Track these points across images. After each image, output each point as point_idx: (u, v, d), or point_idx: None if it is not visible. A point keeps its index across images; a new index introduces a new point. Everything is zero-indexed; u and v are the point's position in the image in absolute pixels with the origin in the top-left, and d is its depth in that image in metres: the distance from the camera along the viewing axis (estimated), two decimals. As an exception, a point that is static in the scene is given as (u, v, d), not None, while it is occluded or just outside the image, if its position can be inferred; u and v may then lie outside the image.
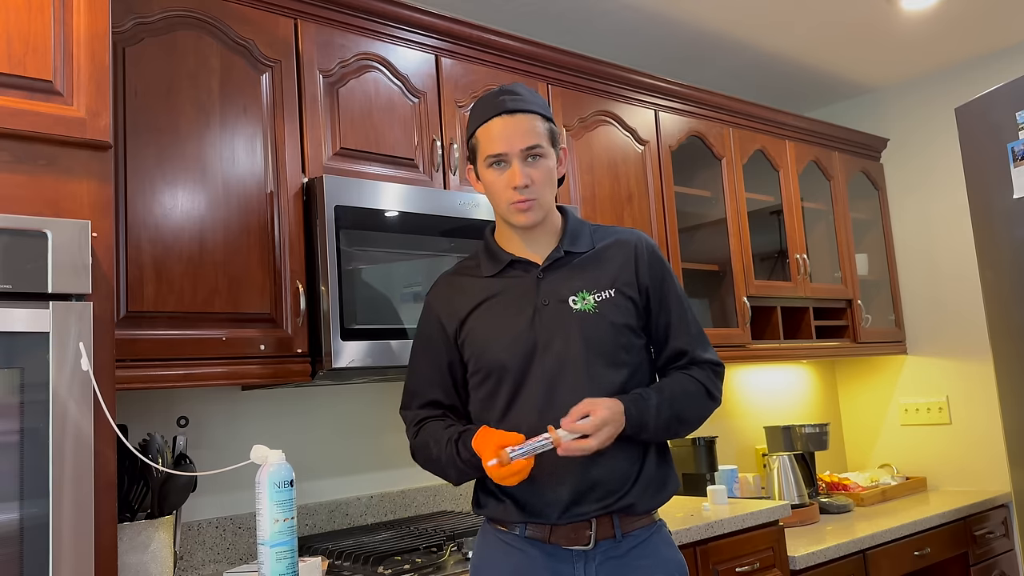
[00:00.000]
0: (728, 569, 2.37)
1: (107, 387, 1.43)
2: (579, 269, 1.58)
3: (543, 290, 1.56)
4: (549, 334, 1.53)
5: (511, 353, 1.53)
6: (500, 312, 1.57)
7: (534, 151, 1.54)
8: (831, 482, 3.42)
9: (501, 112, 1.55)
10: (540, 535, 1.51)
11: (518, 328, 1.54)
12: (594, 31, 3.13)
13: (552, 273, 1.58)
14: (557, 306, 1.54)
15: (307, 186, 2.07)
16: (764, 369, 3.77)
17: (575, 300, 1.55)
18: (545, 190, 1.56)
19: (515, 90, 1.59)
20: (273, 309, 1.98)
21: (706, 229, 3.24)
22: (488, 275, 1.61)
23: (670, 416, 1.53)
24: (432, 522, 2.35)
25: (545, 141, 1.56)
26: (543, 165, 1.55)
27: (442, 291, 1.67)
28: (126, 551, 1.73)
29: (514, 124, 1.54)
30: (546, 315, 1.54)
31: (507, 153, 1.53)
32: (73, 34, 1.47)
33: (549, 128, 1.58)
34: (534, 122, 1.55)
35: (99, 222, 1.46)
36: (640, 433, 1.50)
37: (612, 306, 1.55)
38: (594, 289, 1.55)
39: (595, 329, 1.53)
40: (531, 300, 1.56)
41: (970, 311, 3.64)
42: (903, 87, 3.90)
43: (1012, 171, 2.42)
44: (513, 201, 1.54)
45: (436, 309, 1.65)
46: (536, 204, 1.54)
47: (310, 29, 2.15)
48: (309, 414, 2.41)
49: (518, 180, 1.52)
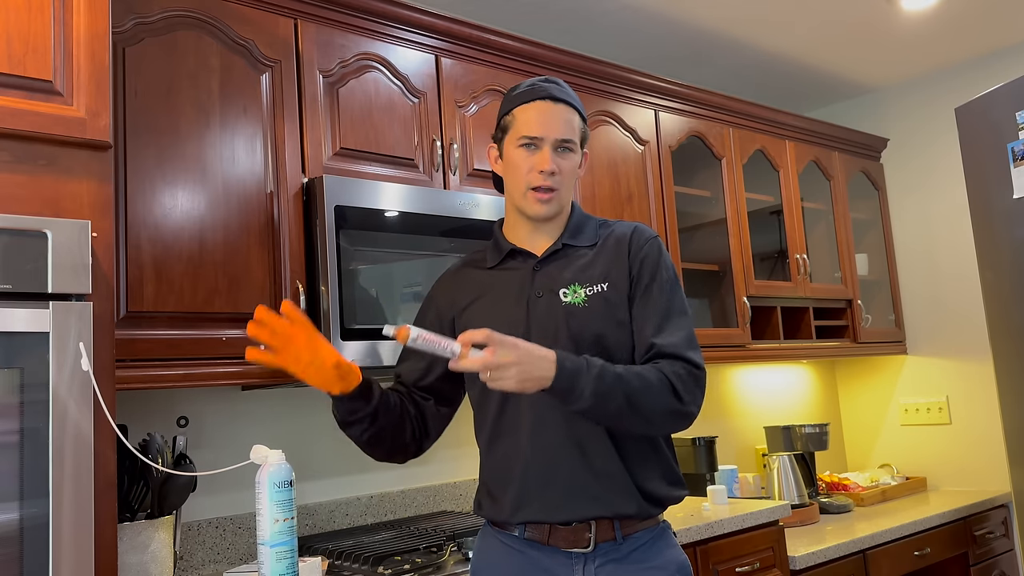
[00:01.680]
0: (728, 569, 2.37)
1: (107, 387, 1.43)
2: (575, 263, 1.57)
3: (537, 282, 1.55)
4: (539, 326, 1.51)
5: None
6: (496, 303, 1.56)
7: (567, 144, 1.55)
8: (831, 482, 3.42)
9: (546, 97, 1.55)
10: (539, 537, 1.50)
11: (511, 319, 1.52)
12: (594, 31, 3.13)
13: (548, 265, 1.57)
14: (549, 298, 1.53)
15: (307, 186, 2.07)
16: (764, 369, 3.77)
17: (565, 293, 1.53)
18: (566, 184, 1.56)
19: (560, 83, 1.60)
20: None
21: (706, 229, 3.24)
22: (490, 266, 1.61)
23: (613, 391, 1.37)
24: (432, 522, 2.35)
25: (578, 138, 1.57)
26: (571, 160, 1.56)
27: (446, 283, 1.67)
28: (126, 551, 1.73)
29: (556, 112, 1.54)
30: (538, 307, 1.53)
31: (543, 138, 1.53)
32: (73, 34, 1.47)
33: (583, 128, 1.59)
34: (573, 116, 1.56)
35: (99, 222, 1.46)
36: (569, 396, 1.36)
37: (602, 300, 1.52)
38: (586, 283, 1.53)
39: (582, 323, 1.50)
40: (525, 291, 1.55)
41: (970, 311, 3.64)
42: (903, 87, 3.90)
43: (1012, 171, 2.42)
44: (534, 185, 1.53)
45: (436, 299, 1.66)
46: (557, 196, 1.54)
47: (310, 29, 2.15)
48: (309, 414, 2.41)
49: (547, 165, 1.52)
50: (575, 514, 1.47)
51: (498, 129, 1.61)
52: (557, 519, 1.48)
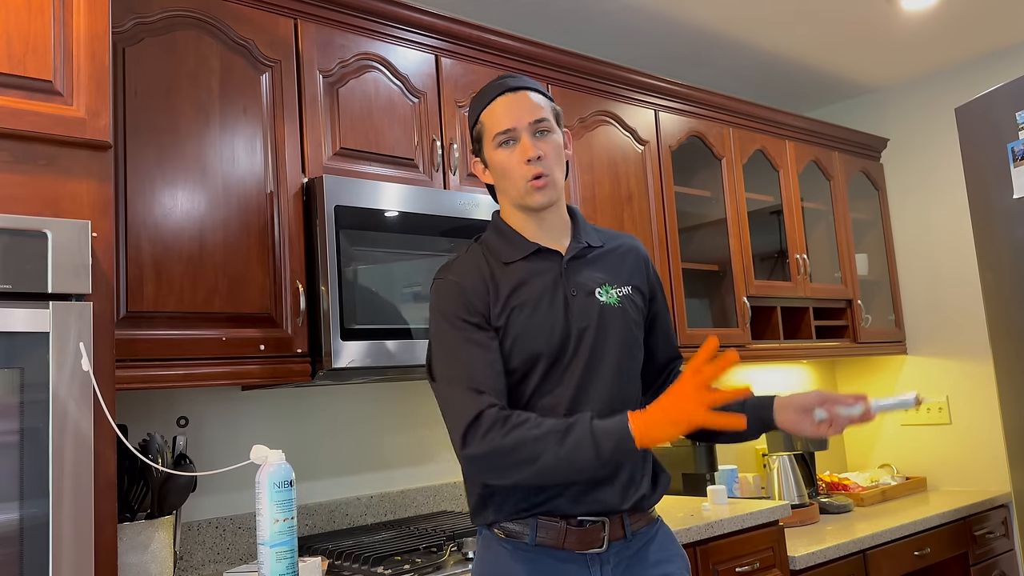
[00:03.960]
0: (728, 569, 2.37)
1: (107, 387, 1.43)
2: (598, 263, 1.58)
3: (571, 280, 1.54)
4: (582, 324, 1.51)
5: (548, 343, 1.48)
6: (534, 300, 1.51)
7: (541, 125, 1.52)
8: (831, 482, 3.42)
9: (504, 91, 1.54)
10: (551, 541, 1.45)
11: (554, 318, 1.50)
12: (594, 31, 3.13)
13: (576, 264, 1.56)
14: (585, 297, 1.53)
15: (307, 186, 2.07)
16: (764, 369, 3.77)
17: (600, 293, 1.54)
18: (556, 167, 1.53)
19: (515, 75, 1.59)
20: (273, 309, 1.98)
21: (706, 229, 3.24)
22: (510, 261, 1.54)
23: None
24: (432, 522, 2.35)
25: (551, 116, 1.55)
26: (552, 140, 1.53)
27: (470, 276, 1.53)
28: (126, 551, 1.73)
29: (518, 100, 1.53)
30: (576, 305, 1.52)
31: (515, 128, 1.51)
32: (73, 34, 1.47)
33: (552, 107, 1.57)
34: (537, 97, 1.54)
35: (99, 222, 1.47)
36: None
37: (630, 302, 1.57)
38: (615, 284, 1.56)
39: (619, 322, 1.53)
40: (560, 290, 1.53)
41: (970, 311, 3.64)
42: (903, 87, 3.90)
43: (1012, 171, 2.42)
44: (529, 177, 1.50)
45: (469, 294, 1.50)
46: (551, 181, 1.52)
47: (310, 29, 2.15)
48: (309, 414, 2.41)
49: (530, 151, 1.50)
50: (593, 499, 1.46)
51: (474, 142, 1.59)
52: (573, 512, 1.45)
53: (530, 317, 1.49)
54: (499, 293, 1.50)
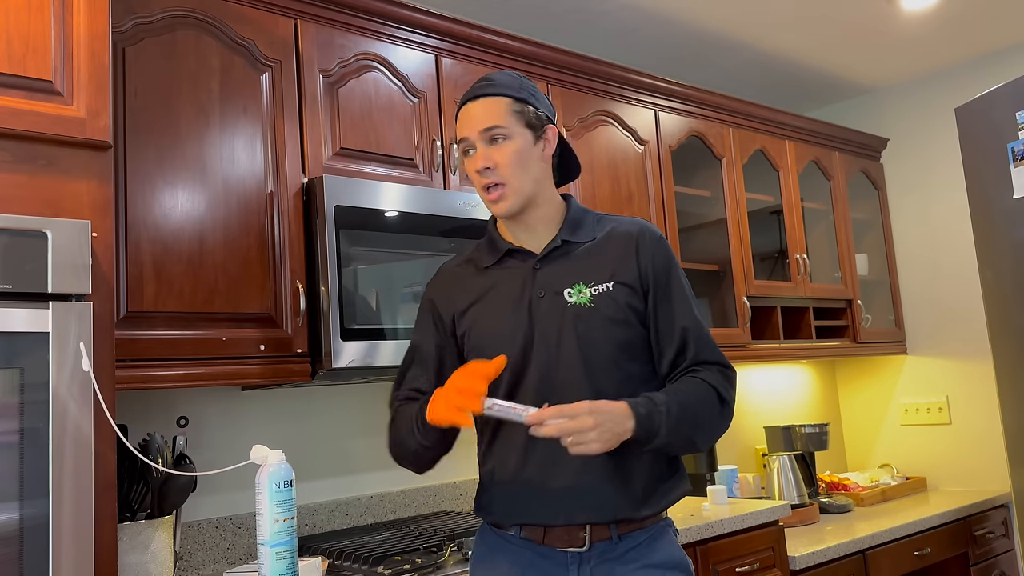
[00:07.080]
0: (728, 569, 2.37)
1: (107, 387, 1.43)
2: (577, 260, 1.52)
3: (539, 281, 1.51)
4: (544, 328, 1.48)
5: (508, 348, 1.47)
6: (497, 305, 1.52)
7: (492, 132, 1.48)
8: (831, 482, 3.42)
9: (467, 101, 1.53)
10: (534, 536, 1.48)
11: (514, 322, 1.49)
12: (594, 31, 3.13)
13: (549, 264, 1.52)
14: (552, 299, 1.49)
15: (307, 186, 2.07)
16: (764, 369, 3.77)
17: (570, 293, 1.48)
18: (513, 174, 1.48)
19: (489, 77, 1.54)
20: (273, 309, 1.98)
21: (706, 229, 3.24)
22: (486, 266, 1.56)
23: (681, 419, 1.41)
24: (432, 522, 2.35)
25: (509, 121, 1.48)
26: (507, 147, 1.48)
27: (442, 283, 1.62)
28: (126, 551, 1.73)
29: (475, 107, 1.51)
30: (541, 308, 1.49)
31: (468, 138, 1.51)
32: (73, 34, 1.47)
33: (521, 109, 1.50)
34: (498, 104, 1.50)
35: (99, 222, 1.47)
36: (651, 438, 1.39)
37: (609, 300, 1.48)
38: (591, 281, 1.49)
39: (588, 324, 1.47)
40: (527, 292, 1.50)
41: (970, 311, 3.64)
42: (903, 87, 3.90)
43: (1012, 171, 2.42)
44: (481, 187, 1.51)
45: (434, 301, 1.60)
46: (507, 190, 1.48)
47: (310, 29, 2.15)
48: (309, 414, 2.41)
49: (477, 163, 1.49)
50: (573, 519, 1.46)
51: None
52: (555, 523, 1.47)
53: (491, 325, 1.51)
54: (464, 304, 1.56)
